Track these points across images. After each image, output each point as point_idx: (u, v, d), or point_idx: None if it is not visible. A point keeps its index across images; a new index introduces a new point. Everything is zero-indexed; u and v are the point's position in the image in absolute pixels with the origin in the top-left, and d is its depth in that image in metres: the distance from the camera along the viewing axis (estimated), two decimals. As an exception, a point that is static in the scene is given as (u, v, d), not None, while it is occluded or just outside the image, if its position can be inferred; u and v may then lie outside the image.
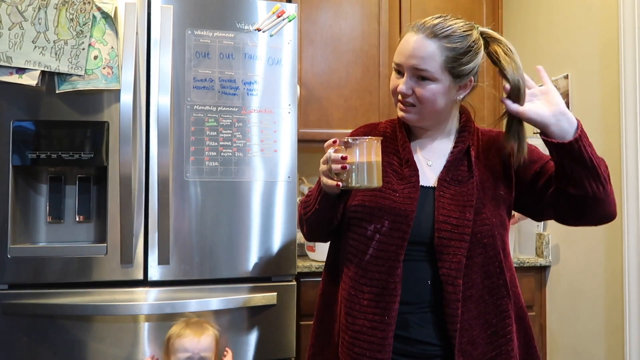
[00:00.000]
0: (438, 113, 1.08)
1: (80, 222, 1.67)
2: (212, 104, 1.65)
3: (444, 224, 1.03)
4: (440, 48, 1.02)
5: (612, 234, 1.79)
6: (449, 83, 1.04)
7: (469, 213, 1.03)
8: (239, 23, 1.68)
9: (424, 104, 1.05)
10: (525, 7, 2.35)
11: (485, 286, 1.04)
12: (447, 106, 1.09)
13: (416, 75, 1.03)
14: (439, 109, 1.07)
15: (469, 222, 1.03)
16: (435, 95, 1.04)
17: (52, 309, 1.52)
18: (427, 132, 1.15)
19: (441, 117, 1.11)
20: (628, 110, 1.71)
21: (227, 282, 1.64)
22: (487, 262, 1.04)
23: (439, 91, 1.04)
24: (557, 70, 2.11)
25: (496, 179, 1.09)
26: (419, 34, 1.04)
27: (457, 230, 1.02)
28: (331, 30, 2.29)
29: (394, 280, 1.02)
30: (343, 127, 2.24)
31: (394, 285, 1.01)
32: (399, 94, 1.06)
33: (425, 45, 1.02)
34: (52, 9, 1.54)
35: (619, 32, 1.75)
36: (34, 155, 1.55)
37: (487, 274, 1.04)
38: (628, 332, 1.70)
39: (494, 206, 1.06)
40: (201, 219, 1.63)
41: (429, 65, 1.02)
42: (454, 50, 1.02)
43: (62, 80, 1.54)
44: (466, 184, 1.07)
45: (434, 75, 1.03)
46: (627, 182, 1.71)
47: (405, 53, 1.04)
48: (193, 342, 1.41)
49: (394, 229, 1.04)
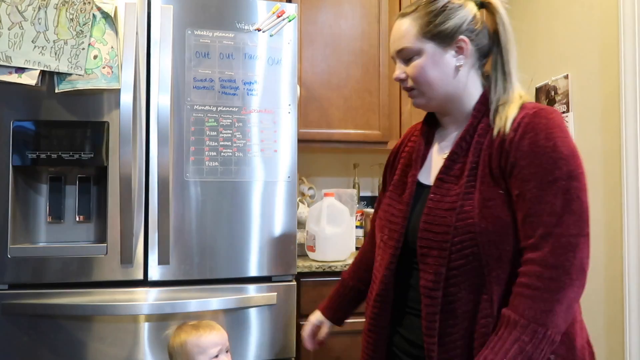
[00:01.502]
0: (441, 88, 1.00)
1: (80, 222, 1.67)
2: (212, 104, 1.65)
3: (426, 232, 0.96)
4: (412, 20, 1.00)
5: (612, 234, 1.79)
6: (433, 50, 0.99)
7: (452, 218, 0.93)
8: (239, 23, 1.68)
9: (418, 82, 1.01)
10: (525, 7, 2.35)
11: (471, 301, 0.91)
12: (447, 77, 1.00)
13: (402, 57, 1.02)
14: (437, 82, 0.99)
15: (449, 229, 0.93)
16: (424, 68, 0.99)
17: (52, 309, 1.52)
18: (446, 118, 1.06)
19: (450, 95, 1.01)
20: (628, 110, 1.71)
21: (227, 282, 1.64)
22: (472, 275, 0.91)
23: (426, 63, 0.99)
24: (557, 70, 2.11)
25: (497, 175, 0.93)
26: (397, 20, 1.04)
27: (438, 239, 0.94)
28: (331, 30, 2.29)
29: (387, 288, 1.04)
30: (343, 127, 2.24)
31: (387, 292, 1.04)
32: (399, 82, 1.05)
33: (400, 26, 1.02)
34: (52, 8, 1.53)
35: (619, 32, 1.75)
36: (34, 155, 1.55)
37: (471, 288, 0.91)
38: (628, 332, 1.70)
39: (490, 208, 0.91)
40: (201, 219, 1.63)
41: (405, 41, 1.00)
42: (425, 16, 0.99)
43: (62, 80, 1.54)
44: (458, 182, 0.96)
45: (413, 49, 0.99)
46: (627, 182, 1.71)
47: (391, 42, 1.04)
48: (217, 336, 1.36)
49: (391, 237, 1.04)
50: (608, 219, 1.81)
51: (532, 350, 0.82)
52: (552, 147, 0.87)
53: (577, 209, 0.85)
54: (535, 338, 0.82)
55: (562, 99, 2.06)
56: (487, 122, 0.97)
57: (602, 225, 1.84)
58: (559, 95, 2.08)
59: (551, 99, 2.13)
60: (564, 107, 2.04)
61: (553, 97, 2.12)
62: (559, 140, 0.88)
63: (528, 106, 0.94)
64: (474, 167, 0.94)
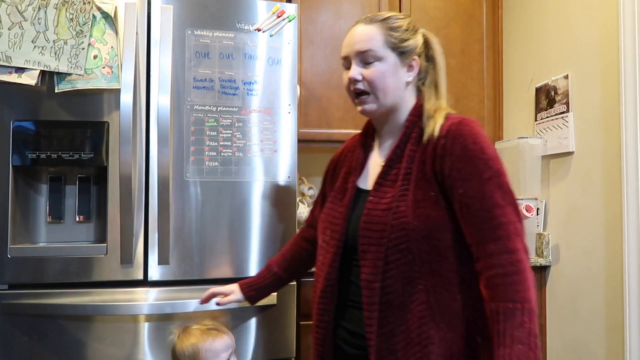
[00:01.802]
0: (392, 96, 1.10)
1: (80, 222, 1.67)
2: (212, 104, 1.65)
3: (366, 230, 1.06)
4: (380, 28, 1.10)
5: (612, 234, 1.79)
6: (394, 61, 1.10)
7: (389, 217, 1.03)
8: (239, 23, 1.68)
9: (374, 86, 1.09)
10: (525, 7, 2.35)
11: (405, 292, 1.01)
12: (398, 89, 1.11)
13: (362, 59, 1.09)
14: (391, 90, 1.10)
15: (386, 227, 1.03)
16: (384, 74, 1.09)
17: (52, 309, 1.52)
18: (385, 127, 1.17)
19: (394, 105, 1.12)
20: (628, 110, 1.71)
21: (228, 282, 1.63)
22: (406, 268, 1.01)
23: (386, 70, 1.09)
24: (557, 70, 2.11)
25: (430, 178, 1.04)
26: (359, 24, 1.12)
27: (376, 236, 1.04)
28: (331, 30, 2.29)
29: (331, 284, 1.12)
30: (343, 127, 2.24)
31: (331, 289, 1.12)
32: (351, 83, 1.11)
33: (366, 30, 1.10)
34: (52, 8, 1.53)
35: (619, 32, 1.75)
36: (34, 155, 1.55)
37: (407, 280, 1.01)
38: (628, 332, 1.70)
39: (422, 208, 1.02)
40: (201, 219, 1.63)
41: (372, 44, 1.09)
42: (393, 29, 1.10)
43: (62, 80, 1.54)
44: (394, 186, 1.06)
45: (378, 54, 1.08)
46: (627, 182, 1.71)
47: (350, 43, 1.11)
48: (229, 338, 1.36)
49: (332, 237, 1.14)
50: (608, 219, 1.81)
51: (534, 327, 0.92)
52: (480, 150, 1.01)
53: (512, 200, 0.99)
54: (531, 315, 0.92)
55: (562, 99, 2.06)
56: (418, 132, 1.09)
57: (602, 225, 1.84)
58: (559, 95, 2.08)
59: (551, 99, 2.13)
60: (564, 107, 2.04)
61: (553, 97, 2.12)
62: (484, 144, 1.02)
63: (452, 117, 1.08)
64: (408, 172, 1.06)
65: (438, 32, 2.48)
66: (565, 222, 2.05)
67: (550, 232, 2.15)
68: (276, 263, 1.43)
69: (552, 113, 2.12)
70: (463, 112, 1.13)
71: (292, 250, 1.44)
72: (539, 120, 2.21)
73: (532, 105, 2.28)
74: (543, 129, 2.18)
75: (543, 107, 2.19)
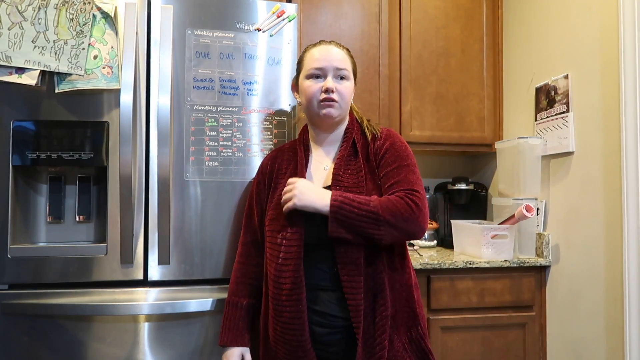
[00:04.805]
0: (347, 109, 1.41)
1: (80, 222, 1.67)
2: (212, 104, 1.65)
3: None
4: (348, 55, 1.42)
5: (612, 234, 1.79)
6: (352, 82, 1.41)
7: None
8: (239, 23, 1.68)
9: (344, 99, 1.37)
10: (525, 7, 2.35)
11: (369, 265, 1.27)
12: (350, 104, 1.42)
13: (337, 75, 1.36)
14: (348, 104, 1.41)
15: None
16: (351, 91, 1.40)
17: (52, 309, 1.52)
18: (328, 137, 1.43)
19: (345, 116, 1.42)
20: (628, 110, 1.71)
21: (227, 282, 1.64)
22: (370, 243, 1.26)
23: (351, 88, 1.41)
24: (557, 70, 2.11)
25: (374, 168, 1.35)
26: (331, 45, 1.40)
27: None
28: (331, 30, 2.29)
29: (299, 275, 1.26)
30: (343, 127, 2.24)
31: (300, 280, 1.25)
32: (325, 91, 1.34)
33: (341, 52, 1.40)
34: (52, 8, 1.54)
35: (619, 32, 1.75)
36: (34, 155, 1.55)
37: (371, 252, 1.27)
38: (628, 332, 1.70)
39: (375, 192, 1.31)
40: (201, 219, 1.63)
41: (346, 65, 1.39)
42: (352, 59, 1.43)
43: (62, 80, 1.54)
44: (357, 175, 1.32)
45: (349, 75, 1.39)
46: (627, 182, 1.71)
47: (328, 58, 1.36)
48: None
49: (294, 232, 1.28)
50: (608, 219, 1.81)
51: (378, 217, 1.23)
52: (404, 147, 1.38)
53: (418, 176, 1.33)
54: (380, 218, 1.23)
55: (562, 99, 2.06)
56: (358, 136, 1.40)
57: (602, 226, 1.84)
58: (558, 95, 2.08)
59: (551, 99, 2.13)
60: (564, 107, 2.04)
61: (553, 97, 2.12)
62: (405, 144, 1.40)
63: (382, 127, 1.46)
64: (362, 165, 1.34)
65: (438, 32, 2.50)
66: (565, 222, 2.05)
67: (550, 232, 2.15)
68: (238, 296, 1.48)
69: (552, 113, 2.12)
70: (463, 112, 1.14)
71: (245, 272, 1.49)
72: (539, 120, 2.21)
73: (532, 105, 2.28)
74: (543, 129, 2.18)
75: (543, 107, 2.19)
